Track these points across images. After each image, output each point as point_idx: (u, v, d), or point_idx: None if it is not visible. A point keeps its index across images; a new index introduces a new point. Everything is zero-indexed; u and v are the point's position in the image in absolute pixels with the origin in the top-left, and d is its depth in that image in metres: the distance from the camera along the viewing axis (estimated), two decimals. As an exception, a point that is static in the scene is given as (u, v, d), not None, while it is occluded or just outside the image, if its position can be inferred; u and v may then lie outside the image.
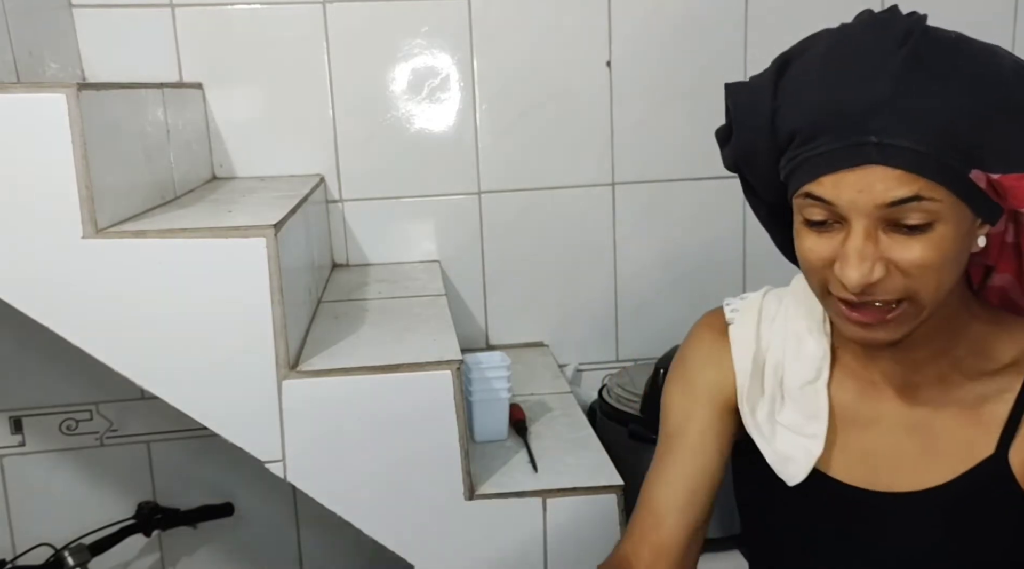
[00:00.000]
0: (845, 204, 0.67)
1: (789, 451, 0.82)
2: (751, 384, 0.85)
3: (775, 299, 0.88)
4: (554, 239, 1.71)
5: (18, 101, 1.01)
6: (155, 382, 1.09)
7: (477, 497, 1.15)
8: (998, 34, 1.69)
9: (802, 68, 0.71)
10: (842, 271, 0.69)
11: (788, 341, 0.85)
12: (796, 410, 0.83)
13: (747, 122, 0.75)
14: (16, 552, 1.63)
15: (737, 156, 0.78)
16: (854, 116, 0.66)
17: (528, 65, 1.64)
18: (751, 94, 0.75)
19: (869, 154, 0.65)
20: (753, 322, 0.87)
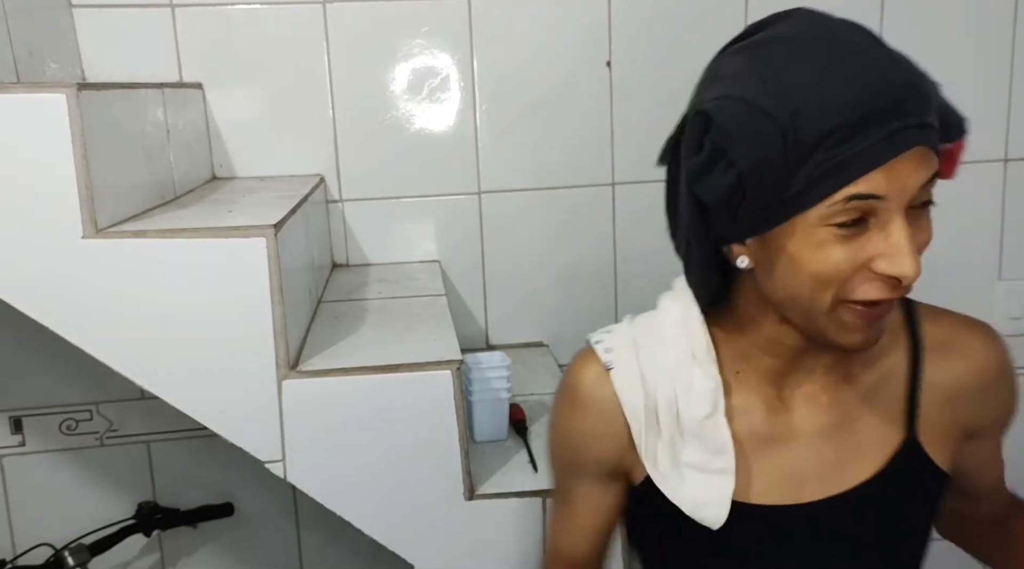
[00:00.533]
0: (895, 194, 0.65)
1: (702, 495, 0.79)
2: (647, 433, 0.80)
3: (646, 327, 0.84)
4: (554, 239, 1.71)
5: (18, 101, 1.01)
6: (155, 382, 1.09)
7: (477, 497, 1.15)
8: (998, 34, 1.70)
9: (794, 72, 0.66)
10: (894, 266, 0.65)
11: (676, 375, 0.80)
12: (699, 447, 0.79)
13: (750, 140, 0.66)
14: (16, 552, 1.63)
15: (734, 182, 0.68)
16: (890, 103, 0.64)
17: (528, 65, 1.64)
18: (746, 111, 0.66)
19: (910, 137, 0.64)
20: (633, 362, 0.81)
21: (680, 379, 0.80)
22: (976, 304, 1.79)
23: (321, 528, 1.74)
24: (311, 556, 1.76)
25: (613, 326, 0.87)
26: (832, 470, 0.80)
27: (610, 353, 0.83)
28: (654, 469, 0.81)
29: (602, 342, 0.84)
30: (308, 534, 1.75)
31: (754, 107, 0.66)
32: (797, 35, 0.69)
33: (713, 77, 0.73)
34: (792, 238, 0.68)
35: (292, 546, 1.76)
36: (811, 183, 0.66)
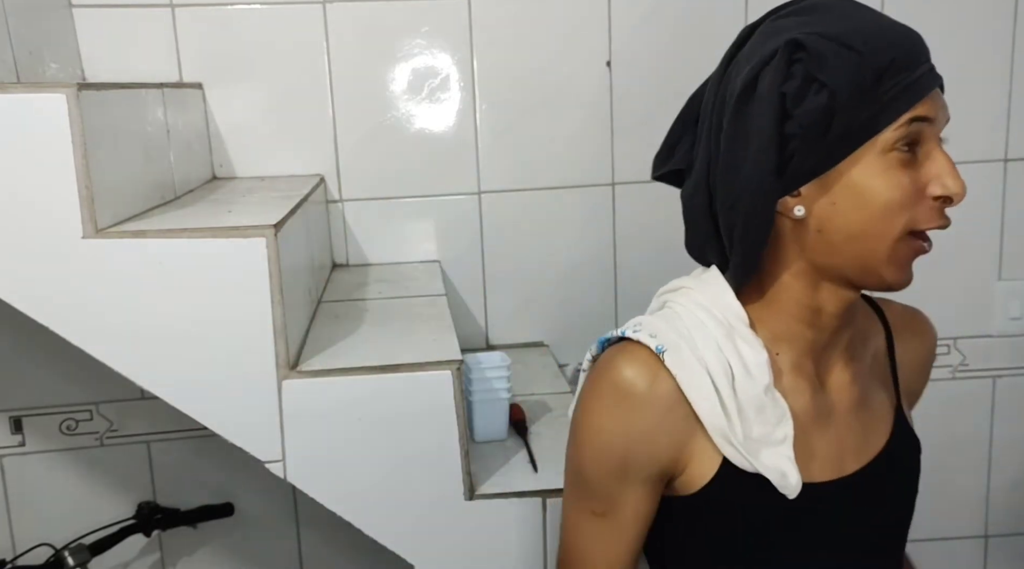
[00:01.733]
0: (939, 120, 0.75)
1: (776, 465, 0.79)
2: (714, 411, 0.78)
3: (678, 313, 0.83)
4: (554, 239, 1.71)
5: (18, 101, 1.01)
6: (155, 382, 1.09)
7: (477, 497, 1.15)
8: (998, 34, 1.70)
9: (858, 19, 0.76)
10: (947, 185, 0.74)
11: (725, 352, 0.79)
12: (761, 421, 0.79)
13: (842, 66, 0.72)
14: (16, 552, 1.63)
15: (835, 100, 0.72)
16: (921, 48, 0.75)
17: (528, 65, 1.64)
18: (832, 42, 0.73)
19: (936, 77, 0.75)
20: (682, 343, 0.79)
21: (731, 354, 0.79)
22: (976, 304, 1.80)
23: (321, 528, 1.74)
24: (311, 556, 1.76)
25: (638, 318, 0.84)
26: (861, 442, 0.85)
27: (656, 338, 0.79)
28: (734, 449, 0.78)
29: (640, 331, 0.80)
30: (308, 534, 1.75)
31: (836, 39, 0.73)
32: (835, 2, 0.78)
33: (773, 32, 0.78)
34: (860, 168, 0.74)
35: (292, 546, 1.76)
36: (885, 105, 0.73)
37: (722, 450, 0.79)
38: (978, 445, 1.87)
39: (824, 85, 0.72)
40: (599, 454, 0.80)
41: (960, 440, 1.86)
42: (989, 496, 1.90)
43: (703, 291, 0.83)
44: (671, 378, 0.78)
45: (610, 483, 0.81)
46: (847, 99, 0.72)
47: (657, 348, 0.79)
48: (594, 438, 0.80)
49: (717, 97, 0.80)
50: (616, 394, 0.79)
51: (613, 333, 0.83)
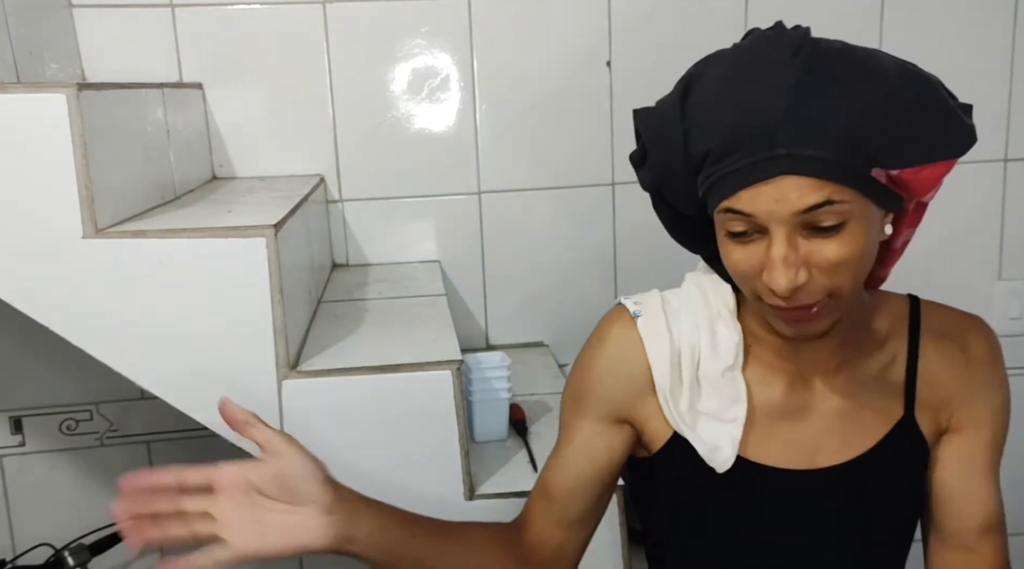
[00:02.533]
0: (763, 215, 0.71)
1: (714, 439, 0.85)
2: (671, 376, 0.86)
3: (672, 295, 0.92)
4: (554, 239, 1.71)
5: (18, 101, 1.01)
6: (155, 382, 1.09)
7: (477, 497, 1.15)
8: (998, 34, 1.70)
9: (704, 90, 0.74)
10: (770, 278, 0.73)
11: (700, 330, 0.87)
12: (716, 398, 0.86)
13: (660, 146, 0.78)
14: (16, 552, 1.63)
15: (655, 178, 0.81)
16: (761, 131, 0.70)
17: (528, 65, 1.64)
18: (660, 119, 0.77)
19: (780, 165, 0.70)
20: (660, 314, 0.89)
21: (705, 333, 0.86)
22: (976, 304, 1.79)
23: (321, 528, 1.74)
24: (311, 556, 1.76)
25: (644, 292, 0.93)
26: (840, 442, 0.87)
27: (638, 305, 0.90)
28: (673, 410, 0.86)
29: (631, 298, 0.92)
30: (308, 534, 1.75)
31: (667, 119, 0.76)
32: (730, 54, 0.76)
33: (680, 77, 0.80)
34: (716, 231, 0.79)
35: (292, 546, 1.75)
36: (704, 192, 0.76)
37: (664, 413, 0.87)
38: (978, 445, 1.87)
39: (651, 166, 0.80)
40: (569, 387, 0.94)
41: (960, 440, 1.86)
42: (989, 496, 1.89)
43: (708, 276, 0.91)
44: (636, 335, 0.88)
45: (571, 414, 0.92)
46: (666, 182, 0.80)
47: (634, 313, 0.89)
48: (572, 373, 0.94)
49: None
50: (594, 339, 0.92)
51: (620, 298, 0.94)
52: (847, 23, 1.65)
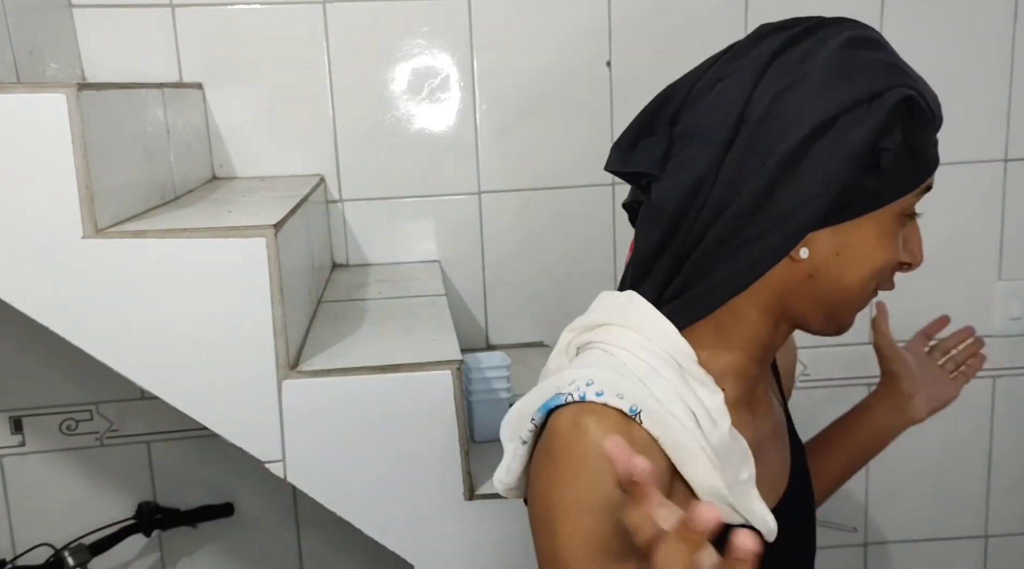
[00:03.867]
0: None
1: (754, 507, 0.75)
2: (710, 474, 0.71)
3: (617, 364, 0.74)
4: (554, 239, 1.71)
5: (18, 101, 1.01)
6: (155, 382, 1.09)
7: (477, 497, 1.15)
8: (998, 34, 1.70)
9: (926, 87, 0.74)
10: (915, 254, 0.77)
11: (687, 400, 0.73)
12: (727, 465, 0.74)
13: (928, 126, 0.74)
14: (16, 552, 1.63)
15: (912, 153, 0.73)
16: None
17: (528, 65, 1.64)
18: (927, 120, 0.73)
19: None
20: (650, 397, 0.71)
21: (693, 402, 0.73)
22: (976, 304, 1.80)
23: (321, 528, 1.74)
24: (311, 556, 1.76)
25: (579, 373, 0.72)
26: (782, 464, 0.86)
27: (625, 399, 0.70)
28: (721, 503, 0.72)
29: (603, 393, 0.70)
30: (308, 534, 1.75)
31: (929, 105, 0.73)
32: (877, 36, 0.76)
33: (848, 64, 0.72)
34: (874, 226, 0.74)
35: (292, 546, 1.76)
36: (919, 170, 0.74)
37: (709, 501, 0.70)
38: (978, 445, 1.87)
39: (912, 150, 0.72)
40: (589, 532, 0.67)
41: (960, 440, 1.86)
42: (989, 496, 1.89)
43: (640, 328, 0.75)
44: (645, 435, 0.70)
45: (593, 559, 0.67)
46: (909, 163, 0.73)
47: (631, 410, 0.69)
48: (582, 515, 0.67)
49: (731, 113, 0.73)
50: (600, 461, 0.67)
51: (561, 396, 0.71)
52: (847, 23, 1.65)
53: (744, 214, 0.72)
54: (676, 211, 0.74)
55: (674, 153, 0.75)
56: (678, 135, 0.76)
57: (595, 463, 0.67)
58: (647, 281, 0.78)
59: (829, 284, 0.75)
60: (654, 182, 0.76)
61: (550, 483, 0.70)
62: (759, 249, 0.73)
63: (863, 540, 1.88)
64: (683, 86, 0.78)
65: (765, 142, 0.71)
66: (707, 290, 0.75)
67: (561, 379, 0.73)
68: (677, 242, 0.75)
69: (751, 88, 0.73)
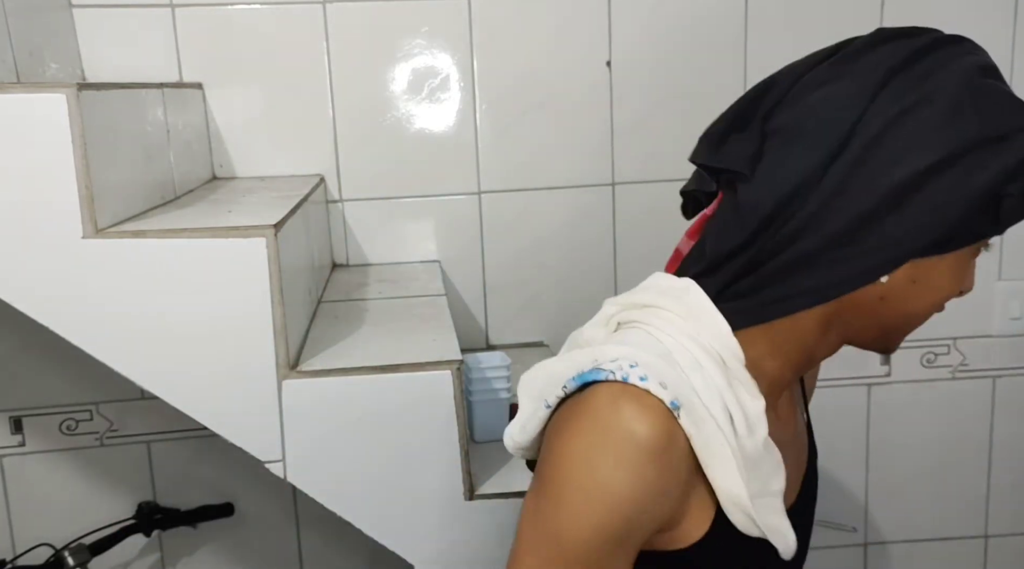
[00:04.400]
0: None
1: (775, 523, 0.73)
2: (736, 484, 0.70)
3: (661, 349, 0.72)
4: (554, 239, 1.71)
5: (18, 101, 1.01)
6: (155, 382, 1.09)
7: (477, 497, 1.15)
8: (998, 34, 1.70)
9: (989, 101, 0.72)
10: (971, 284, 0.76)
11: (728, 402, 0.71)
12: (757, 476, 0.72)
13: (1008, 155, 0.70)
14: (16, 552, 1.63)
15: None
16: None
17: (528, 65, 1.64)
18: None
19: None
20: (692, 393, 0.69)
21: (731, 403, 0.71)
22: (976, 304, 1.80)
23: (321, 528, 1.74)
24: (311, 556, 1.76)
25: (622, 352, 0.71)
26: (798, 471, 0.85)
27: (668, 390, 0.68)
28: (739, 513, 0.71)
29: (647, 378, 0.68)
30: (308, 534, 1.75)
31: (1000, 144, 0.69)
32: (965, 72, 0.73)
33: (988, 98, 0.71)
34: (957, 258, 0.73)
35: (292, 546, 1.76)
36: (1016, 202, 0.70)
37: (730, 516, 0.71)
38: (978, 445, 1.87)
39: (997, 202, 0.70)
40: (601, 517, 0.66)
41: (960, 440, 1.86)
42: (989, 496, 1.89)
43: (692, 319, 0.73)
44: (683, 433, 0.68)
45: (603, 550, 0.67)
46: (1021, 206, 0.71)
47: (672, 403, 0.67)
48: (598, 499, 0.66)
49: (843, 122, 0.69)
50: (631, 450, 0.66)
51: (602, 372, 0.69)
52: (847, 23, 1.65)
53: (845, 232, 0.69)
54: (766, 216, 0.70)
55: (766, 151, 0.72)
56: (772, 132, 0.72)
57: (629, 452, 0.66)
58: (711, 276, 0.75)
59: (896, 308, 0.74)
60: (742, 181, 0.72)
61: (573, 458, 0.67)
62: (853, 268, 0.71)
63: (863, 540, 1.88)
64: (783, 81, 0.74)
65: (880, 162, 0.68)
66: (781, 297, 0.73)
67: (602, 353, 0.71)
68: (758, 245, 0.72)
69: (868, 100, 0.69)
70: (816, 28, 1.63)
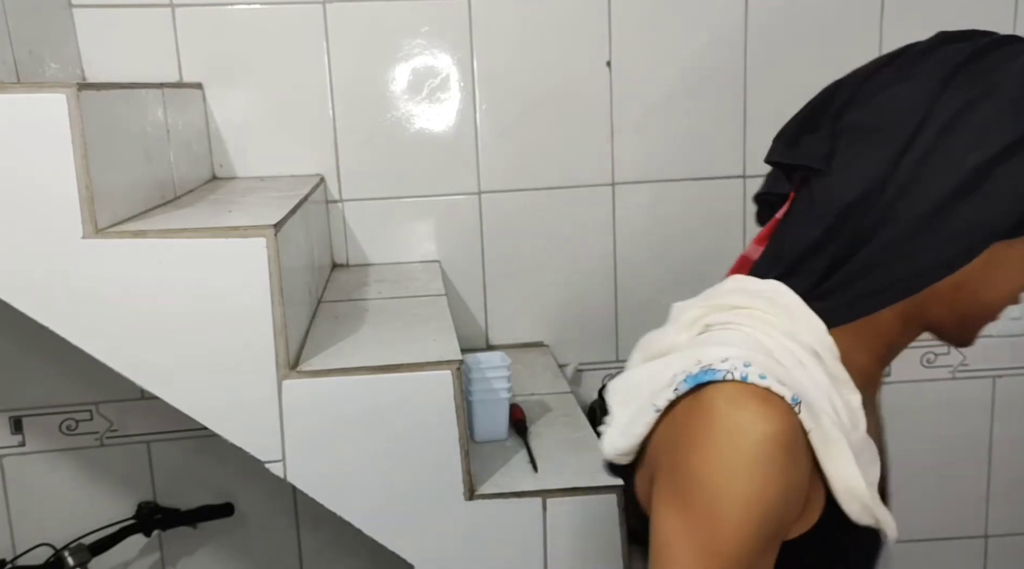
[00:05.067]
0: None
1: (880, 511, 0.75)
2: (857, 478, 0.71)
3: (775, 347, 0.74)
4: (554, 239, 1.71)
5: (18, 101, 1.01)
6: (155, 382, 1.09)
7: (477, 497, 1.15)
8: (998, 34, 1.70)
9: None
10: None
11: (832, 398, 0.73)
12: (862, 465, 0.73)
13: None
14: (16, 552, 1.63)
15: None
16: None
17: (528, 65, 1.64)
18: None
19: None
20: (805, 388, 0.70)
21: (835, 398, 0.73)
22: (976, 304, 1.80)
23: (321, 528, 1.74)
24: (311, 556, 1.76)
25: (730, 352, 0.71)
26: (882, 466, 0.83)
27: (787, 386, 0.68)
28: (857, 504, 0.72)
29: (765, 375, 0.68)
30: (308, 534, 1.75)
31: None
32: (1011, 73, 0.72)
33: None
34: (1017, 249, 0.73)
35: (292, 546, 1.76)
36: None
37: (845, 506, 0.72)
38: (978, 445, 1.87)
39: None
40: (761, 523, 0.66)
41: (960, 440, 1.86)
42: (989, 496, 1.90)
43: (787, 319, 0.74)
44: (803, 429, 0.69)
45: (762, 552, 0.67)
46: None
47: (793, 399, 0.67)
48: (755, 503, 0.66)
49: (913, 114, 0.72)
50: (771, 450, 0.66)
51: (717, 372, 0.69)
52: (847, 23, 1.65)
53: (922, 220, 0.71)
54: (844, 208, 0.72)
55: (839, 149, 0.74)
56: (843, 130, 0.74)
57: (769, 452, 0.65)
58: (794, 277, 0.76)
59: (972, 296, 0.75)
60: (816, 177, 0.75)
61: (716, 468, 0.66)
62: (935, 257, 0.72)
63: (863, 540, 1.88)
64: (850, 83, 0.76)
65: (952, 148, 0.70)
66: (867, 293, 0.74)
67: (706, 354, 0.71)
68: (839, 240, 0.73)
69: (936, 94, 0.71)
70: (817, 27, 1.63)
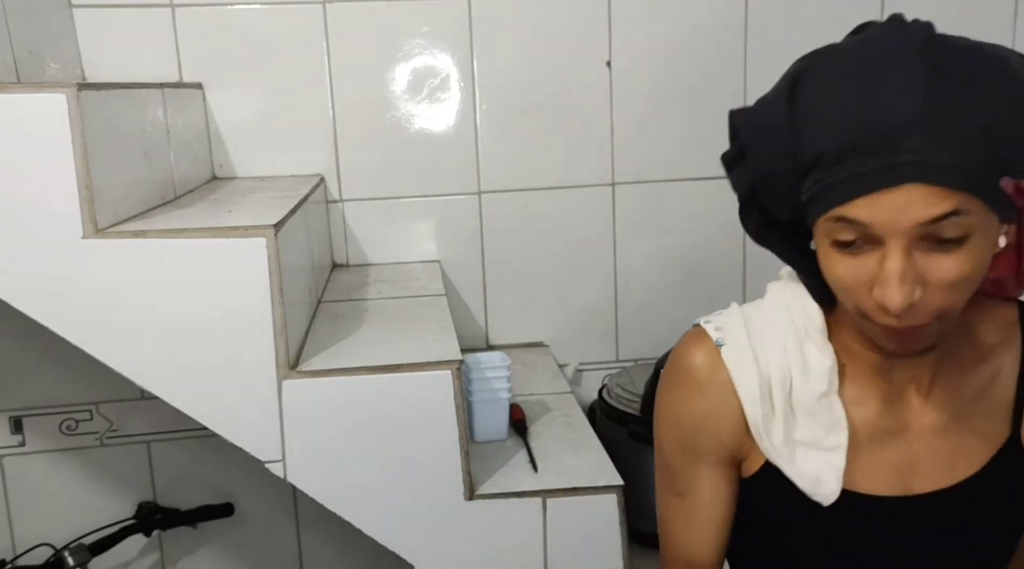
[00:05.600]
0: (881, 225, 0.64)
1: (814, 471, 0.79)
2: (762, 409, 0.79)
3: (755, 311, 0.84)
4: (554, 239, 1.71)
5: (18, 101, 1.01)
6: (155, 382, 1.09)
7: (477, 497, 1.15)
8: (998, 34, 1.69)
9: (819, 87, 0.68)
10: (883, 295, 0.66)
11: (790, 353, 0.80)
12: (812, 425, 0.79)
13: (763, 147, 0.71)
14: (16, 552, 1.63)
15: (753, 181, 0.74)
16: (886, 134, 0.63)
17: (528, 65, 1.64)
18: (765, 117, 0.71)
19: (905, 172, 0.63)
20: (744, 339, 0.81)
21: (794, 357, 0.80)
22: (976, 304, 1.80)
23: (321, 528, 1.74)
24: (311, 556, 1.76)
25: (721, 311, 0.85)
26: (941, 465, 0.80)
27: (720, 331, 0.82)
28: (768, 444, 0.80)
29: (711, 322, 0.83)
30: (308, 534, 1.75)
31: (773, 117, 0.70)
32: (845, 49, 0.70)
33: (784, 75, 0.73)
34: (817, 236, 0.71)
35: (292, 546, 1.76)
36: (811, 198, 0.68)
37: (760, 445, 0.80)
38: None
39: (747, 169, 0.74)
40: (671, 433, 0.85)
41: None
42: None
43: (792, 290, 0.83)
44: (723, 364, 0.81)
45: (684, 462, 0.84)
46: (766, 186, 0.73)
47: (717, 341, 0.82)
48: (666, 417, 0.85)
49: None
50: (680, 377, 0.84)
51: (698, 319, 0.86)
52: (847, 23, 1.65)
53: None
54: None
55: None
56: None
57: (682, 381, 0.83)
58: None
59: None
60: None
61: (659, 384, 0.87)
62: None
63: (863, 540, 1.88)
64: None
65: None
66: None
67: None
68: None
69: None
70: (817, 27, 1.63)
